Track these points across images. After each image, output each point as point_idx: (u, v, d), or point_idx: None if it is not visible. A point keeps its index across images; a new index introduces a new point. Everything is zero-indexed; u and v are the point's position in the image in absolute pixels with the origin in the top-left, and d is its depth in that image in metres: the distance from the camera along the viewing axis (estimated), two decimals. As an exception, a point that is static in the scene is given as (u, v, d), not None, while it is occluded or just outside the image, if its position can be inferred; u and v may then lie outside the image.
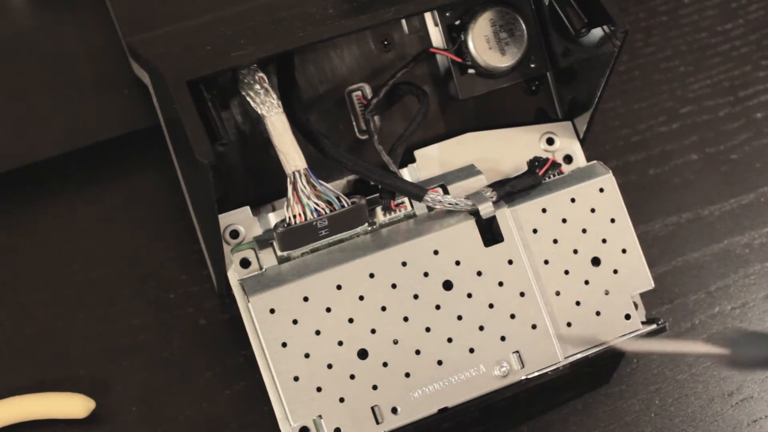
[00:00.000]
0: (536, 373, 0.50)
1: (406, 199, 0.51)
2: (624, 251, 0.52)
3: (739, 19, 0.63)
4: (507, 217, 0.50)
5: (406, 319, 0.49)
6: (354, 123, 0.53)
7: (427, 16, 0.53)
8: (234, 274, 0.50)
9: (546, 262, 0.51)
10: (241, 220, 0.50)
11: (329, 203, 0.49)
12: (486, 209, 0.50)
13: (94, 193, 0.56)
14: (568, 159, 0.54)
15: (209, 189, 0.45)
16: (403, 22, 0.53)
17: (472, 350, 0.49)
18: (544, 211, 0.51)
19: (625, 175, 0.59)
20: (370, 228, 0.51)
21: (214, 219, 0.48)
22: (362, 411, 0.48)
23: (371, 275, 0.49)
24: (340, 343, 0.49)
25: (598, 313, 0.51)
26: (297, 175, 0.48)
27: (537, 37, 0.53)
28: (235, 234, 0.50)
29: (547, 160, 0.53)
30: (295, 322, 0.48)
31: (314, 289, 0.49)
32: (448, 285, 0.50)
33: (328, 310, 0.49)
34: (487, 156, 0.53)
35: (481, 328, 0.50)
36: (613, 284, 0.51)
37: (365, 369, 0.49)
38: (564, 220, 0.51)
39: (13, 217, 0.55)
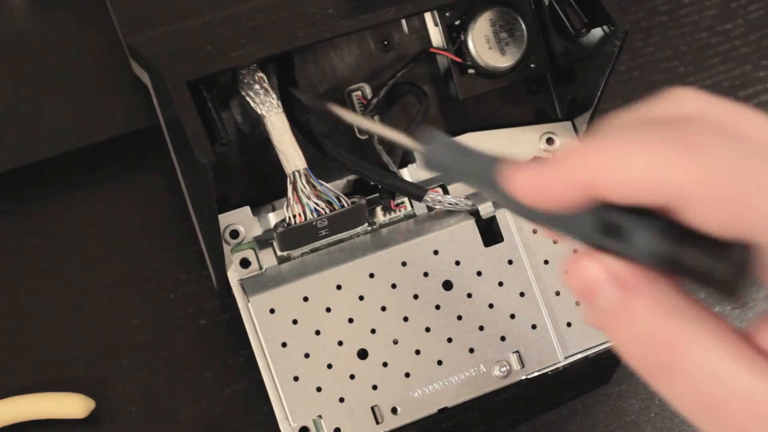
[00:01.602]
0: (536, 373, 0.50)
1: (406, 199, 0.51)
2: (624, 251, 0.52)
3: (739, 19, 0.63)
4: (507, 217, 0.50)
5: (406, 319, 0.49)
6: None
7: (427, 16, 0.53)
8: (234, 274, 0.50)
9: (546, 262, 0.51)
10: (241, 220, 0.50)
11: (329, 203, 0.49)
12: (486, 209, 0.50)
13: (94, 193, 0.56)
14: (568, 159, 0.54)
15: (209, 189, 0.45)
16: (403, 22, 0.53)
17: (472, 350, 0.49)
18: (544, 211, 0.51)
19: (625, 175, 0.58)
20: (370, 228, 0.51)
21: (214, 219, 0.48)
22: (362, 411, 0.48)
23: (371, 275, 0.49)
24: (340, 343, 0.49)
25: (598, 313, 0.51)
26: (297, 175, 0.48)
27: (537, 37, 0.53)
28: (235, 234, 0.50)
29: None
30: (295, 322, 0.48)
31: (314, 289, 0.49)
32: (448, 285, 0.50)
33: (328, 310, 0.49)
34: (487, 156, 0.53)
35: (481, 328, 0.50)
36: (613, 284, 0.51)
37: (365, 369, 0.49)
38: (564, 220, 0.51)
39: (13, 217, 0.55)
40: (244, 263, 0.50)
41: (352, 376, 0.48)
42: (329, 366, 0.48)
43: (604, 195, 0.30)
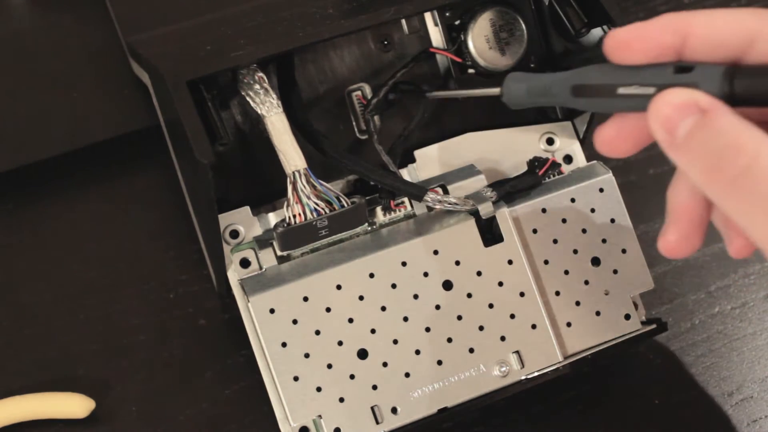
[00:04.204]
0: (536, 373, 0.50)
1: (406, 199, 0.51)
2: (624, 251, 0.52)
3: (739, 19, 0.63)
4: (507, 217, 0.50)
5: (406, 319, 0.49)
6: (354, 123, 0.53)
7: (427, 16, 0.53)
8: (234, 274, 0.50)
9: (546, 262, 0.51)
10: (241, 220, 0.50)
11: (329, 203, 0.49)
12: (486, 209, 0.50)
13: (94, 193, 0.56)
14: (568, 159, 0.54)
15: (209, 189, 0.45)
16: (403, 22, 0.53)
17: (472, 350, 0.49)
18: (544, 211, 0.51)
19: (625, 175, 0.59)
20: (370, 228, 0.51)
21: (214, 219, 0.48)
22: (362, 411, 0.48)
23: (371, 275, 0.49)
24: (340, 343, 0.49)
25: (598, 313, 0.51)
26: (297, 175, 0.48)
27: (537, 37, 0.53)
28: (235, 234, 0.50)
29: (547, 160, 0.53)
30: (295, 322, 0.48)
31: (314, 289, 0.49)
32: (448, 285, 0.50)
33: (328, 310, 0.49)
34: (487, 156, 0.53)
35: (481, 328, 0.50)
36: (613, 284, 0.51)
37: (365, 369, 0.49)
38: (564, 220, 0.51)
39: (13, 217, 0.55)
40: (244, 263, 0.50)
41: (352, 376, 0.48)
42: (329, 366, 0.48)
43: (689, 42, 0.37)
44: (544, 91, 0.42)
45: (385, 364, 0.49)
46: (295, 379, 0.48)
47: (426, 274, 0.49)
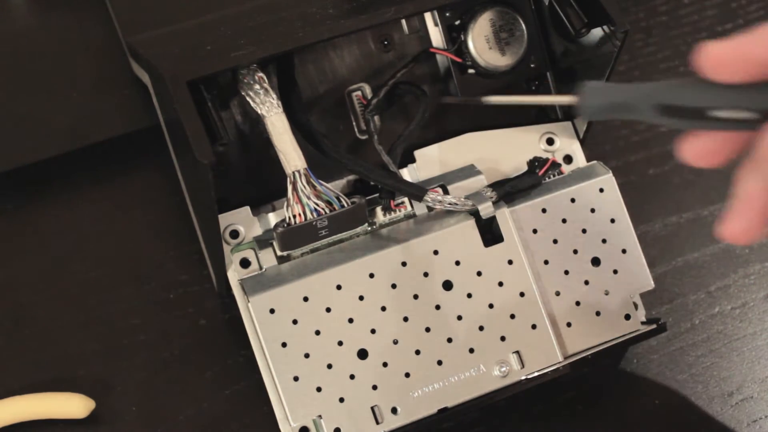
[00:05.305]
0: (536, 373, 0.50)
1: (406, 199, 0.51)
2: (624, 251, 0.52)
3: (739, 19, 0.63)
4: (507, 217, 0.50)
5: (406, 319, 0.49)
6: (354, 123, 0.53)
7: (427, 16, 0.53)
8: (234, 274, 0.50)
9: (546, 262, 0.51)
10: (241, 220, 0.50)
11: (329, 203, 0.49)
12: (486, 209, 0.50)
13: (94, 193, 0.56)
14: (568, 159, 0.54)
15: (209, 189, 0.45)
16: (403, 22, 0.53)
17: (472, 350, 0.49)
18: (544, 211, 0.51)
19: (625, 175, 0.59)
20: (370, 228, 0.51)
21: (214, 219, 0.48)
22: (362, 411, 0.48)
23: (371, 275, 0.49)
24: (340, 343, 0.49)
25: (598, 313, 0.51)
26: (297, 175, 0.48)
27: (537, 37, 0.53)
28: (235, 234, 0.50)
29: (547, 160, 0.53)
30: (295, 322, 0.48)
31: (314, 289, 0.49)
32: (448, 285, 0.50)
33: (328, 310, 0.49)
34: (487, 156, 0.53)
35: (481, 328, 0.50)
36: (613, 284, 0.51)
37: (365, 369, 0.49)
38: (564, 220, 0.51)
39: (13, 217, 0.55)
40: (244, 263, 0.50)
41: (352, 376, 0.48)
42: (329, 366, 0.48)
43: None
44: (625, 106, 0.39)
45: (385, 364, 0.49)
46: (295, 379, 0.48)
47: (426, 274, 0.49)
